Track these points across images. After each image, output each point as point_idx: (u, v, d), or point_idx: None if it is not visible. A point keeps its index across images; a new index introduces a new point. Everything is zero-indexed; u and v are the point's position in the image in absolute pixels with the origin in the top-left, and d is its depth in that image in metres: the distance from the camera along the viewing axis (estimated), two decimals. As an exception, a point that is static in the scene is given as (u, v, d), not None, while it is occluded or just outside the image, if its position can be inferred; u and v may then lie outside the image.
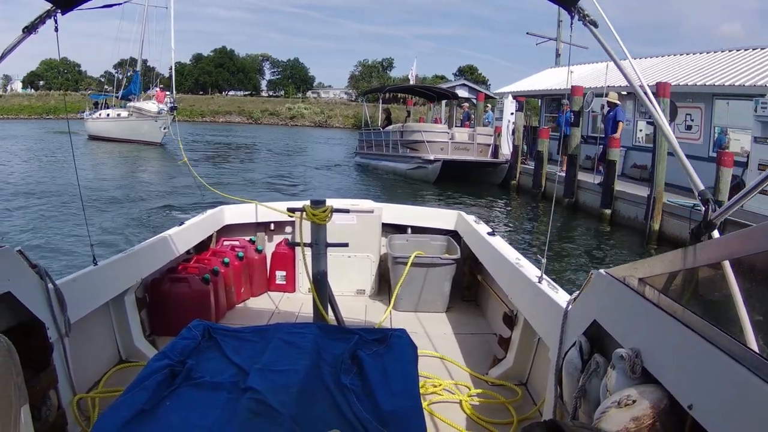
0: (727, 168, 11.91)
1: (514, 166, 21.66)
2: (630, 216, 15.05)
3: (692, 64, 20.62)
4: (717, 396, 1.59)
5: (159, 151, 33.32)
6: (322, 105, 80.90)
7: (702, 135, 17.83)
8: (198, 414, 2.22)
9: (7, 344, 2.02)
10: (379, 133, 25.89)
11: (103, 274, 3.59)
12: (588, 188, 17.20)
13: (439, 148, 21.96)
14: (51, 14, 2.88)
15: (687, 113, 18.36)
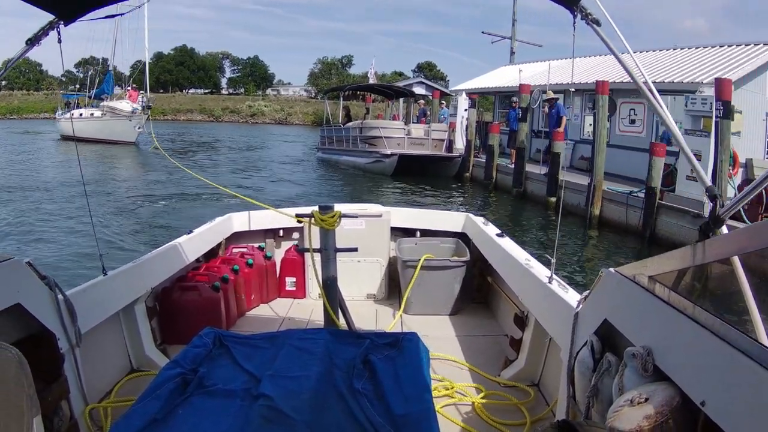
0: (659, 157, 13.29)
1: (468, 160, 23.16)
2: (573, 203, 16.17)
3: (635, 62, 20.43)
4: (729, 392, 1.58)
5: (134, 150, 33.24)
6: (282, 102, 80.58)
7: (645, 128, 19.21)
8: (211, 422, 2.22)
9: (18, 356, 2.03)
10: (340, 130, 27.23)
11: (112, 284, 3.60)
12: (535, 179, 18.65)
13: (396, 143, 23.26)
14: (54, 26, 2.89)
15: (631, 108, 19.79)
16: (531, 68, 27.82)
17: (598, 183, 15.21)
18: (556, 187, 17.00)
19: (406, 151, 23.04)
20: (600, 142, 15.70)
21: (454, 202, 19.76)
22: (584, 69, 24.18)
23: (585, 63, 25.38)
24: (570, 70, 24.35)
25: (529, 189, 19.06)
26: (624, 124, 20.10)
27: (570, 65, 25.61)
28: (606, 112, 16.72)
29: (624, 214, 14.52)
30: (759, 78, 17.04)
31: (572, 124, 21.24)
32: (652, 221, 13.48)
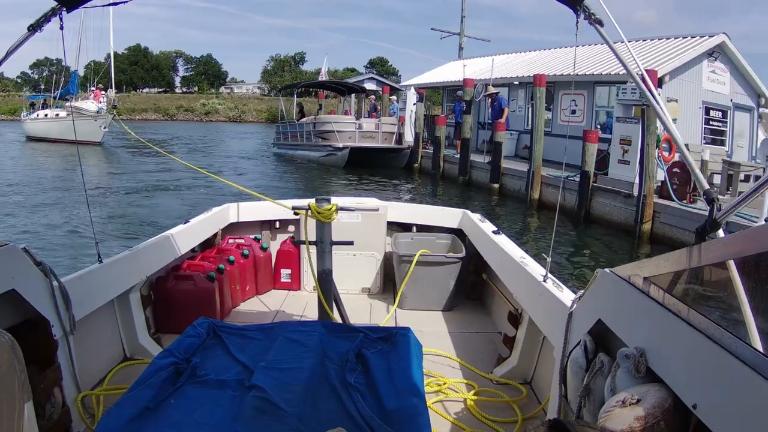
0: (592, 144, 14.62)
1: (416, 151, 24.75)
2: (514, 188, 18.08)
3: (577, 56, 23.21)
4: (721, 396, 1.58)
5: (101, 150, 32.90)
6: (236, 100, 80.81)
7: (585, 117, 20.65)
8: (203, 412, 2.23)
9: (11, 341, 2.03)
10: (294, 125, 28.58)
11: (108, 272, 3.59)
12: (480, 167, 20.30)
13: (348, 137, 24.59)
14: (56, 12, 2.89)
15: (572, 99, 21.34)
16: (478, 63, 28.90)
17: (537, 169, 16.67)
18: (498, 174, 18.69)
19: (358, 144, 24.31)
20: (537, 132, 17.07)
21: (404, 191, 21.08)
22: (527, 63, 25.75)
23: (527, 57, 27.25)
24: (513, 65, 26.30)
25: (474, 177, 20.60)
26: (565, 114, 21.45)
27: (513, 60, 27.74)
28: (543, 104, 18.22)
29: (561, 197, 15.53)
30: (695, 68, 18.44)
31: (516, 116, 23.22)
32: (586, 202, 14.75)
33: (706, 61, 18.82)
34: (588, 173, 14.65)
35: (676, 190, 12.96)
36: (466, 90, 21.69)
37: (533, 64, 24.44)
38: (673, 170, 13.46)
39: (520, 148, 22.11)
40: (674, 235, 12.45)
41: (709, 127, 19.12)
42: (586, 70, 20.64)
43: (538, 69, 21.38)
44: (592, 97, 20.45)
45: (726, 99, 19.55)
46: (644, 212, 12.92)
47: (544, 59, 24.92)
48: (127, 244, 7.70)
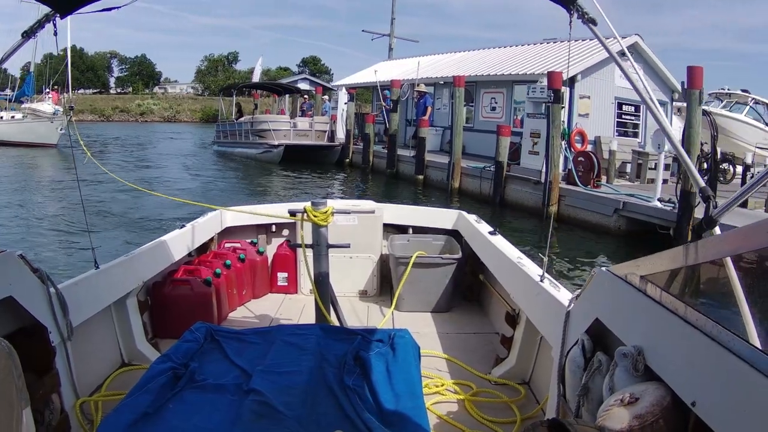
0: (505, 137, 16.85)
1: (347, 147, 26.65)
2: (438, 179, 20.21)
3: (497, 57, 26.03)
4: (720, 393, 1.59)
5: (57, 153, 32.15)
6: (170, 100, 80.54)
7: (504, 114, 22.63)
8: (201, 416, 2.22)
9: (8, 348, 2.02)
10: (233, 124, 30.34)
11: (104, 278, 3.58)
12: (406, 160, 22.24)
13: (283, 135, 26.58)
14: (50, 18, 2.88)
15: (492, 97, 23.38)
16: (407, 63, 31.41)
17: (457, 161, 18.99)
18: (423, 167, 20.78)
19: (292, 142, 26.46)
20: (457, 127, 19.33)
21: (336, 184, 23.14)
22: (452, 63, 27.84)
23: (453, 58, 29.48)
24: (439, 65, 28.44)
25: (401, 170, 22.53)
26: (486, 111, 23.61)
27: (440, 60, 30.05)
28: (462, 102, 20.18)
29: (479, 185, 18.10)
30: (608, 67, 19.89)
31: (441, 113, 24.91)
32: (501, 189, 16.95)
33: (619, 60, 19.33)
34: (502, 163, 16.83)
35: (581, 176, 15.12)
36: (393, 90, 23.61)
37: (457, 65, 26.45)
38: (579, 159, 15.53)
39: (444, 142, 23.58)
40: (578, 215, 14.51)
41: (621, 120, 21.10)
42: (505, 70, 22.96)
43: (463, 69, 23.83)
44: (510, 94, 22.12)
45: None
46: (551, 197, 14.86)
47: (468, 60, 27.36)
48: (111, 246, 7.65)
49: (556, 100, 15.18)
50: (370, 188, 21.52)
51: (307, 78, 40.07)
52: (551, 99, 15.30)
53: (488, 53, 27.65)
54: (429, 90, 24.67)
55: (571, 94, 19.30)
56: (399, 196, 19.27)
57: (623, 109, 21.18)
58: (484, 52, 28.18)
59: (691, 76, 13.07)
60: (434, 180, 20.38)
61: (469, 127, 22.45)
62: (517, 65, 22.82)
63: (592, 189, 14.77)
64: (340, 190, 21.65)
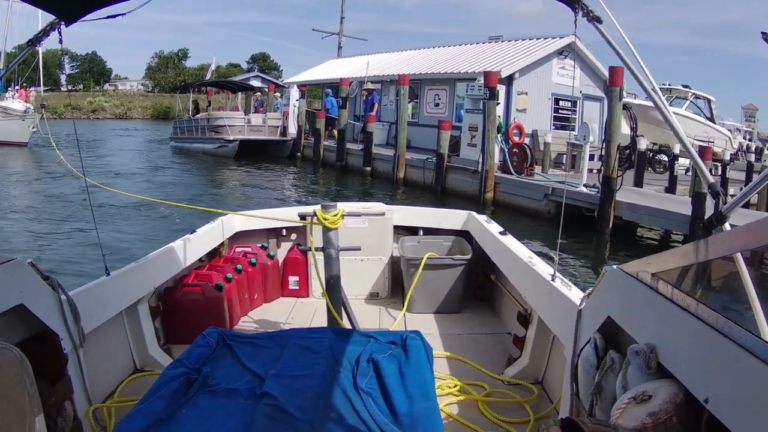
0: (445, 131, 18.57)
1: (299, 142, 28.44)
2: (384, 170, 21.72)
3: (441, 56, 27.98)
4: (733, 389, 1.58)
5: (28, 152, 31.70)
6: (122, 97, 79.76)
7: (447, 110, 24.36)
8: (215, 421, 2.23)
9: (20, 356, 2.03)
10: (190, 121, 31.45)
11: (115, 284, 3.60)
12: (354, 153, 23.75)
13: (238, 130, 27.90)
14: (55, 26, 2.90)
15: (436, 94, 25.19)
16: (356, 61, 33.64)
17: (401, 154, 20.62)
18: (370, 159, 22.43)
19: (247, 137, 27.84)
20: (402, 122, 20.95)
21: (289, 176, 24.76)
22: (398, 62, 29.78)
23: (400, 56, 31.45)
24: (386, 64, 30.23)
25: (349, 162, 23.95)
26: (430, 107, 25.40)
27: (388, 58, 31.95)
28: (406, 99, 21.81)
29: (422, 175, 19.83)
30: (546, 65, 22.40)
31: (388, 109, 26.50)
32: (442, 179, 18.68)
33: (556, 58, 22.66)
34: (443, 155, 18.58)
35: (515, 165, 16.99)
36: (342, 88, 25.07)
37: (404, 63, 28.68)
38: (513, 150, 17.39)
39: (390, 137, 25.20)
40: (512, 200, 16.30)
41: (557, 115, 23.00)
42: (448, 69, 24.88)
43: (409, 68, 26.15)
44: (453, 91, 23.90)
45: (576, 91, 23.31)
46: (487, 184, 16.75)
47: (414, 58, 29.43)
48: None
49: (491, 97, 16.97)
50: (321, 179, 23.28)
51: (259, 75, 42.12)
52: (487, 96, 17.04)
53: (433, 52, 29.77)
54: (377, 87, 26.56)
55: (510, 91, 21.29)
56: (348, 186, 21.31)
57: (560, 104, 23.10)
58: (430, 51, 30.26)
59: (612, 76, 14.74)
60: (381, 171, 21.97)
61: (414, 122, 24.17)
62: (460, 64, 24.79)
63: (525, 177, 16.59)
64: (293, 182, 23.33)
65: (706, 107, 27.98)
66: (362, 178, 22.06)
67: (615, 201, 13.49)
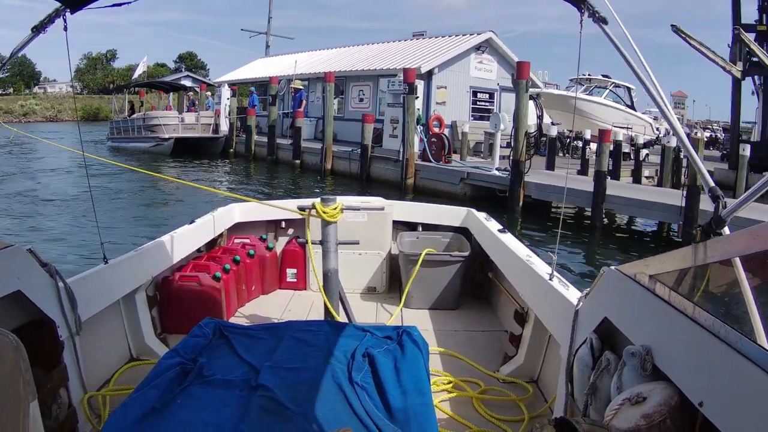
0: (369, 124, 20.28)
1: (231, 139, 29.77)
2: (312, 162, 23.46)
3: (365, 53, 30.27)
4: (728, 393, 1.58)
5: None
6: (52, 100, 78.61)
7: (371, 104, 26.30)
8: (209, 412, 2.23)
9: (16, 341, 2.03)
10: (127, 121, 32.40)
11: (113, 273, 3.60)
12: (284, 148, 25.44)
13: (173, 129, 29.04)
14: (60, 13, 2.89)
15: (360, 90, 27.28)
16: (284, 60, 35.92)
17: (328, 146, 22.36)
18: (299, 152, 24.13)
19: (181, 135, 28.92)
20: (328, 117, 22.59)
21: (223, 170, 26.04)
22: (324, 60, 31.84)
23: (325, 54, 33.68)
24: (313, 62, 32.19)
25: (280, 156, 25.67)
26: (355, 102, 27.50)
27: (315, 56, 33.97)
28: (332, 95, 23.48)
29: (348, 166, 21.63)
30: (464, 60, 24.97)
31: (315, 105, 28.36)
32: (366, 168, 20.46)
33: (474, 54, 25.30)
34: (367, 146, 20.35)
35: (434, 154, 18.96)
36: (272, 86, 27.18)
37: (330, 61, 30.82)
38: (432, 140, 19.25)
39: (318, 131, 26.64)
40: (431, 185, 18.11)
41: (476, 106, 25.69)
42: (372, 66, 26.97)
43: (335, 66, 28.32)
44: (376, 87, 25.58)
45: (493, 83, 26.07)
46: (407, 171, 18.53)
47: (340, 56, 31.74)
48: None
49: (410, 92, 18.58)
50: (254, 173, 24.74)
51: (189, 75, 43.69)
52: (407, 91, 18.63)
53: (358, 50, 32.09)
54: (304, 84, 28.68)
55: (429, 85, 23.69)
56: (279, 177, 23.18)
57: (478, 96, 25.86)
58: (355, 49, 32.56)
59: (519, 70, 16.80)
60: (310, 164, 23.66)
61: (340, 116, 26.19)
62: (383, 61, 27.04)
63: (443, 164, 18.57)
64: (227, 176, 24.78)
65: (626, 95, 29.95)
66: (292, 170, 23.85)
67: (524, 182, 15.43)
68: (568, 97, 26.68)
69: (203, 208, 6.19)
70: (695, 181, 12.24)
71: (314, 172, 22.76)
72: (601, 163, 14.65)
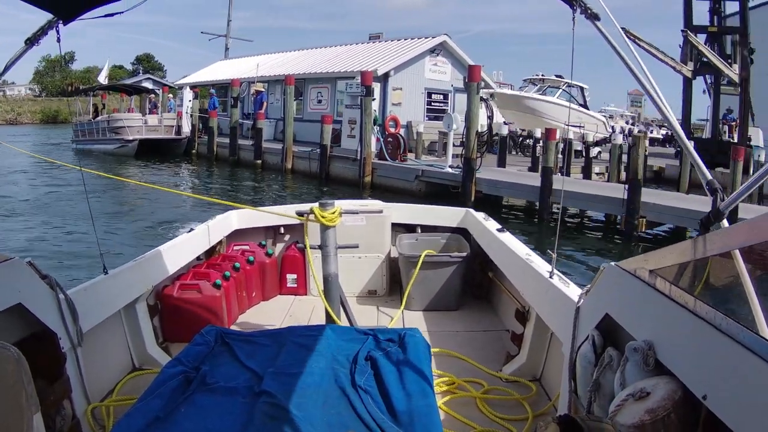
0: (328, 125, 21.36)
1: (193, 140, 30.44)
2: (273, 162, 24.47)
3: (324, 56, 31.52)
4: (731, 386, 1.58)
5: None
6: (12, 103, 78.02)
7: (329, 106, 27.31)
8: (213, 419, 2.23)
9: (18, 354, 2.03)
10: (91, 123, 32.85)
11: (113, 283, 3.59)
12: (246, 148, 26.30)
13: (137, 131, 29.69)
14: (53, 25, 2.89)
15: (318, 91, 28.45)
16: (246, 62, 37.20)
17: (289, 147, 23.36)
18: (260, 153, 25.02)
19: (145, 137, 29.61)
20: (288, 119, 23.59)
21: (186, 170, 26.92)
22: (283, 62, 33.32)
23: (286, 57, 35.08)
24: (273, 64, 33.35)
25: (241, 156, 26.47)
26: (313, 104, 28.67)
27: (275, 59, 35.30)
28: (292, 97, 24.53)
29: (308, 165, 22.70)
30: (419, 63, 26.26)
31: (275, 107, 29.37)
32: (326, 167, 21.57)
33: (429, 56, 26.50)
34: (326, 146, 21.44)
35: (390, 153, 20.06)
36: (233, 89, 27.88)
37: (290, 63, 32.28)
38: (389, 140, 20.33)
39: (278, 132, 27.70)
40: (388, 183, 19.19)
41: (430, 107, 26.89)
42: (330, 68, 28.19)
43: (294, 68, 29.85)
44: (334, 89, 26.31)
45: (447, 85, 27.18)
46: (365, 170, 19.61)
47: (299, 58, 33.05)
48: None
49: (367, 94, 19.62)
50: (216, 174, 25.58)
51: (150, 78, 44.33)
52: (364, 93, 19.70)
53: (317, 52, 33.35)
54: (264, 86, 29.16)
55: (386, 87, 24.76)
56: (240, 177, 23.99)
57: (432, 97, 27.03)
58: (314, 52, 33.91)
59: (470, 73, 18.22)
60: (271, 163, 24.59)
61: (299, 117, 26.85)
62: (341, 63, 28.23)
63: (399, 163, 19.76)
64: (191, 176, 25.94)
65: (579, 95, 31.56)
66: (253, 170, 24.72)
67: (476, 178, 16.56)
68: (521, 97, 29.17)
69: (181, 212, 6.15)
70: (637, 175, 13.85)
71: (275, 171, 23.82)
72: (547, 159, 15.64)
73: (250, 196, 19.95)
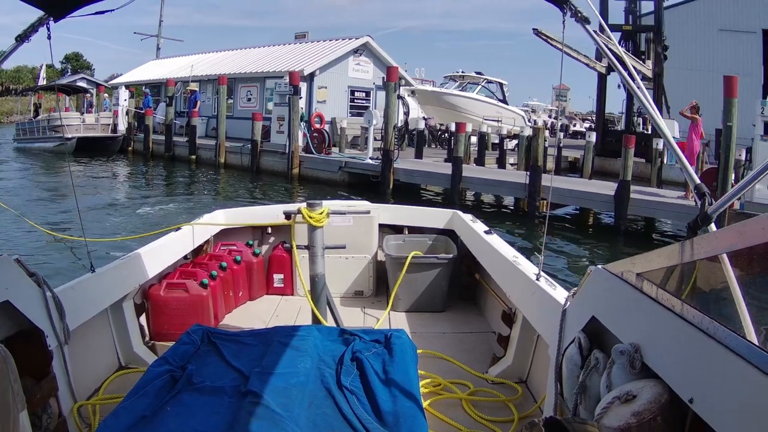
0: (258, 121, 23.04)
1: (129, 138, 31.49)
2: (207, 157, 25.89)
3: (253, 56, 33.53)
4: (717, 389, 1.59)
5: None
6: None
7: (258, 104, 29.16)
8: (199, 419, 2.22)
9: (4, 352, 2.02)
10: (32, 122, 34.01)
11: (101, 281, 3.57)
12: (180, 145, 27.69)
13: (75, 129, 30.18)
14: (43, 22, 2.88)
15: (248, 90, 30.46)
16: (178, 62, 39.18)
17: (221, 143, 24.93)
18: (195, 149, 26.40)
19: (83, 135, 30.15)
20: (221, 116, 25.21)
21: (123, 166, 28.00)
22: (215, 62, 35.13)
23: (217, 57, 36.88)
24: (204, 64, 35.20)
25: (176, 153, 27.71)
26: (243, 102, 30.60)
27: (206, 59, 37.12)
28: (225, 96, 26.21)
29: (240, 159, 24.30)
30: (343, 63, 28.39)
31: (207, 105, 30.67)
32: (257, 161, 23.28)
33: (352, 56, 28.69)
34: (256, 142, 23.13)
35: (316, 147, 22.20)
36: (168, 88, 29.43)
37: (221, 63, 34.33)
38: (314, 135, 22.54)
39: (210, 129, 29.73)
40: (315, 174, 21.15)
41: (353, 104, 29.05)
42: (259, 68, 30.19)
43: (225, 68, 31.88)
44: (263, 87, 28.59)
45: (369, 83, 29.34)
46: (293, 163, 21.41)
47: (230, 58, 34.93)
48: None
49: (295, 93, 21.45)
50: (152, 169, 26.77)
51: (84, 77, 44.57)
52: (292, 92, 21.50)
53: (246, 52, 35.22)
54: (197, 86, 30.60)
55: (312, 86, 26.93)
56: (176, 171, 25.09)
57: (355, 95, 29.26)
58: (243, 52, 35.80)
59: (388, 73, 19.82)
60: (204, 158, 26.07)
61: (229, 115, 27.99)
62: (269, 63, 30.27)
63: (324, 155, 21.71)
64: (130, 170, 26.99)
65: (498, 90, 33.13)
66: (188, 165, 26.07)
67: (393, 168, 18.37)
68: (440, 93, 30.90)
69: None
70: (537, 162, 16.14)
71: (209, 165, 25.24)
72: (458, 149, 17.86)
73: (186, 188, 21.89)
